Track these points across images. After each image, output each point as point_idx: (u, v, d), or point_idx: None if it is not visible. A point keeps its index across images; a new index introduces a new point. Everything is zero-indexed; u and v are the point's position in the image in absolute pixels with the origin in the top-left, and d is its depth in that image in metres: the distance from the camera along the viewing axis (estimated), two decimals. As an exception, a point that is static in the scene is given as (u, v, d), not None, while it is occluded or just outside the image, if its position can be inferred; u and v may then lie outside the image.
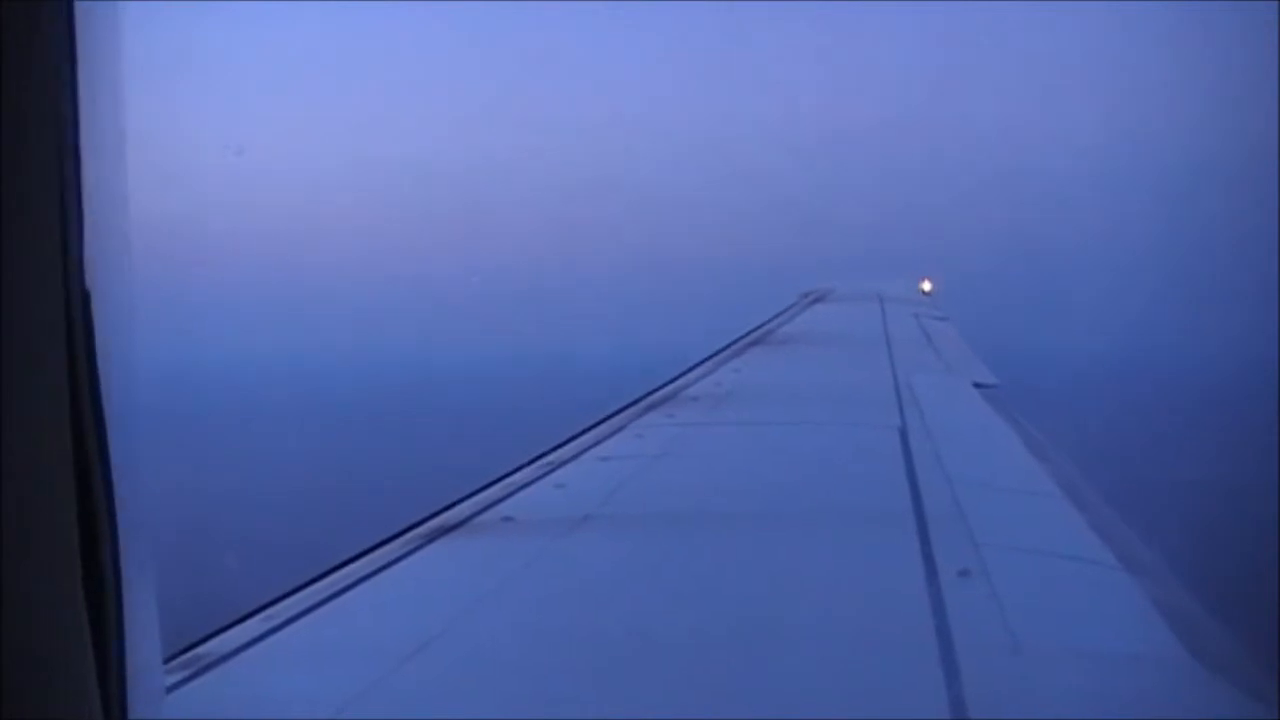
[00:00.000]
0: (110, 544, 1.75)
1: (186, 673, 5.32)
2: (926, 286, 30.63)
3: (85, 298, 1.73)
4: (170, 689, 5.09)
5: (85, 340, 1.72)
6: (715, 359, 18.07)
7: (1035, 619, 5.97)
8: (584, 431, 11.81)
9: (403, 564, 7.23)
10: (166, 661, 5.39)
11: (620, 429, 11.93)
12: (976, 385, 15.93)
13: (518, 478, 9.69)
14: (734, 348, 19.47)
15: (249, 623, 6.10)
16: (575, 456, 10.57)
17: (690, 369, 16.87)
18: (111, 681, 1.74)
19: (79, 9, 1.73)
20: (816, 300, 28.00)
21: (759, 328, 22.52)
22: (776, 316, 24.64)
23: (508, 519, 8.26)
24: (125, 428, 1.80)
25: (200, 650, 5.64)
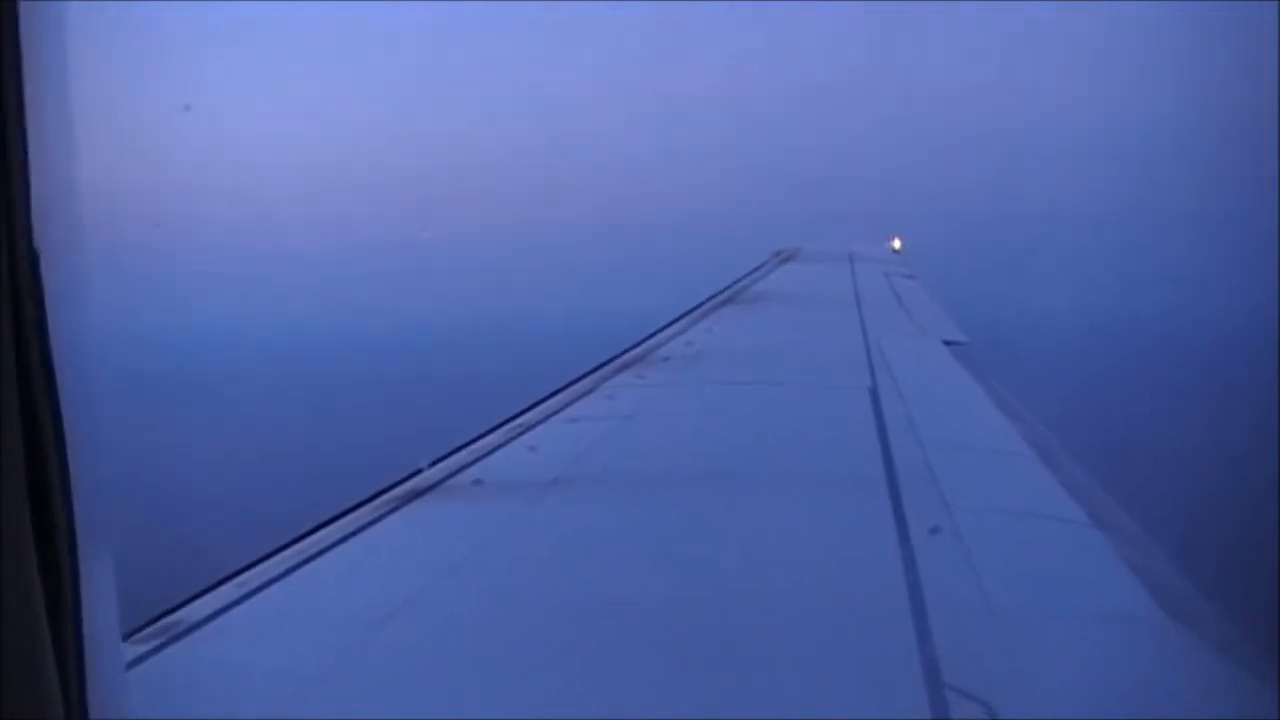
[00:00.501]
0: (65, 518, 1.69)
1: (158, 641, 5.31)
2: (897, 245, 30.64)
3: (34, 258, 1.66)
4: (141, 658, 5.08)
5: (34, 303, 1.65)
6: (686, 319, 18.04)
7: (1006, 578, 5.99)
8: (554, 393, 11.79)
9: (374, 529, 7.21)
10: (137, 631, 5.38)
11: (591, 390, 11.90)
12: (947, 343, 15.95)
13: (489, 440, 9.67)
14: (705, 307, 19.44)
15: (221, 590, 6.09)
16: (546, 419, 10.55)
17: (661, 329, 16.83)
18: (69, 659, 1.69)
19: None
20: (787, 259, 27.98)
21: (730, 287, 22.49)
22: (747, 275, 24.61)
23: (478, 482, 8.24)
24: (80, 394, 1.73)
25: (172, 618, 5.62)
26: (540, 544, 6.96)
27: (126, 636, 5.34)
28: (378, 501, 7.80)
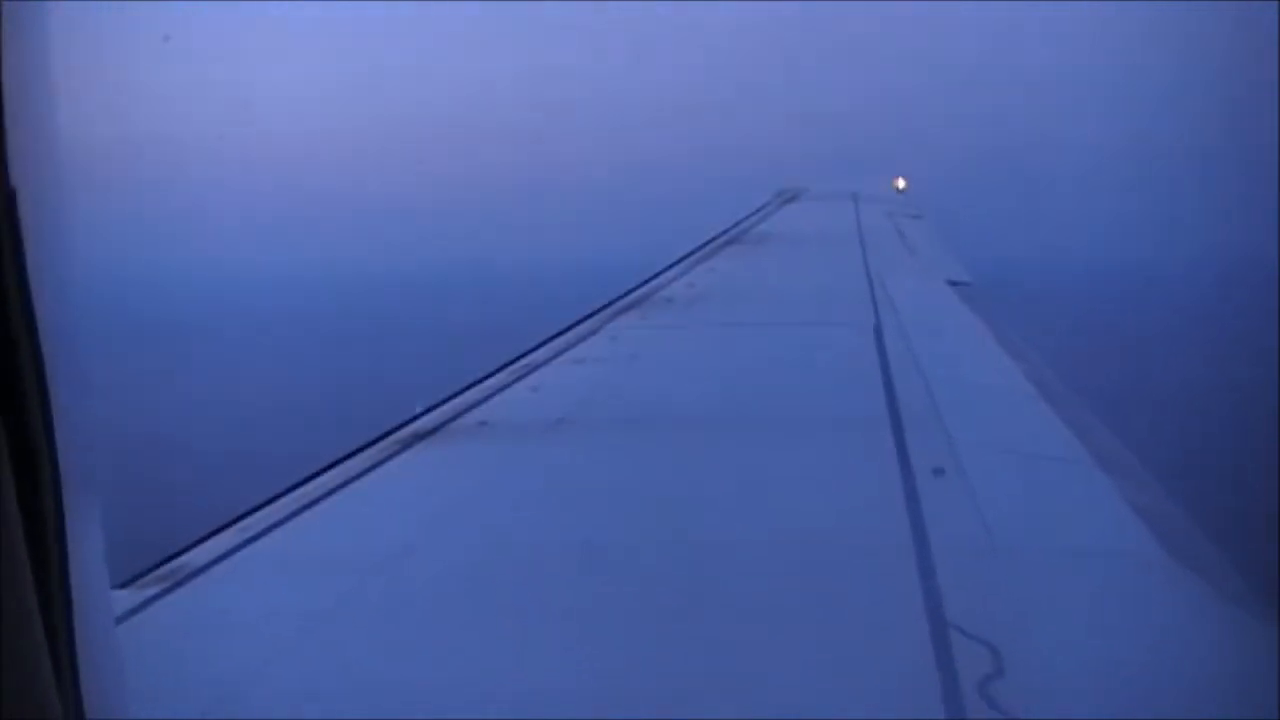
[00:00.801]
0: (51, 472, 1.65)
1: (166, 584, 5.33)
2: (900, 184, 30.49)
3: (10, 195, 1.61)
4: (148, 602, 5.10)
5: (12, 241, 1.59)
6: (689, 259, 17.99)
7: (1010, 518, 5.99)
8: (558, 335, 11.78)
9: (380, 470, 7.23)
10: (142, 575, 5.40)
11: (594, 332, 11.89)
12: (951, 283, 15.91)
13: (493, 382, 9.68)
14: (708, 248, 19.38)
15: (227, 533, 6.10)
16: (550, 360, 10.55)
17: (664, 270, 16.79)
18: (57, 615, 1.66)
19: None
20: (790, 199, 27.86)
21: (733, 227, 22.40)
22: (750, 216, 24.51)
23: (483, 423, 8.25)
24: (62, 336, 1.68)
25: (179, 561, 5.64)
26: (545, 484, 6.98)
27: (130, 581, 5.36)
28: (384, 443, 7.81)
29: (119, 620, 4.71)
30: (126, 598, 5.10)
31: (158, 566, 5.59)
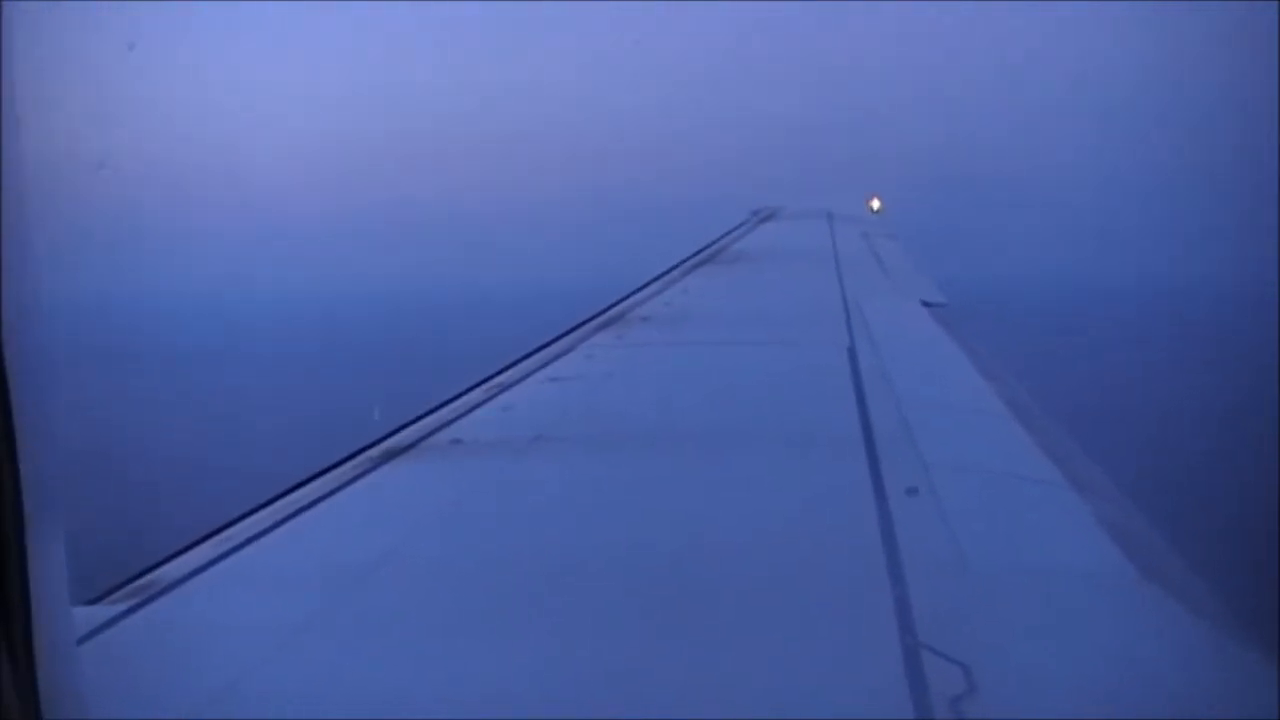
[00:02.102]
0: (12, 488, 1.64)
1: (136, 600, 5.30)
2: (875, 205, 30.60)
3: None
4: (119, 617, 5.08)
5: None
6: (665, 278, 18.03)
7: (983, 538, 6.00)
8: (533, 352, 11.79)
9: (352, 487, 7.21)
10: (113, 591, 5.38)
11: (570, 350, 11.91)
12: (925, 304, 15.96)
13: (467, 400, 9.67)
14: (683, 267, 19.44)
15: (198, 549, 6.08)
16: (524, 378, 10.55)
17: (640, 288, 16.83)
18: (15, 630, 1.65)
19: None
20: (766, 219, 27.94)
21: (708, 246, 22.47)
22: (726, 235, 24.58)
23: (457, 441, 8.25)
24: (25, 353, 1.67)
25: (150, 577, 5.61)
26: (518, 502, 6.97)
27: (100, 597, 5.34)
28: (356, 460, 7.80)
29: (89, 636, 4.69)
30: (96, 613, 5.07)
31: (128, 582, 5.57)
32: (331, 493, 7.09)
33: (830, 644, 4.74)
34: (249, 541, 6.19)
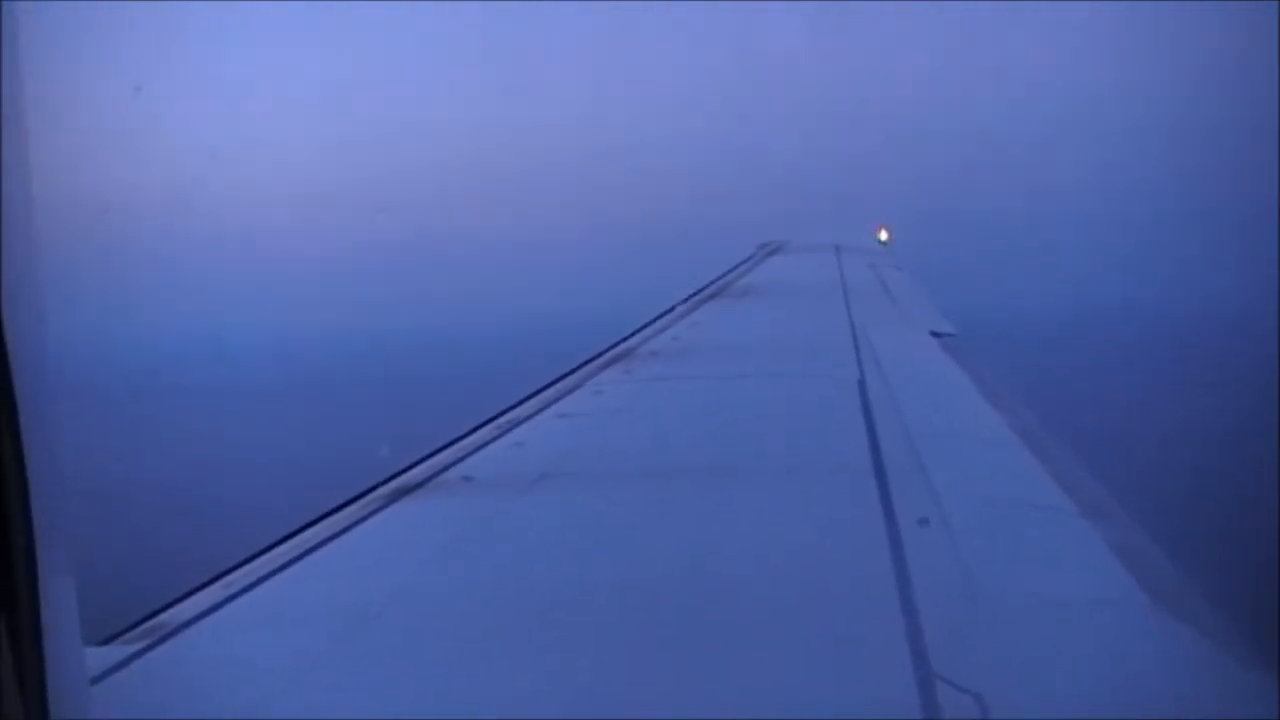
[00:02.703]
0: (24, 526, 1.64)
1: (148, 640, 5.31)
2: (883, 236, 30.62)
3: None
4: (128, 660, 5.08)
5: None
6: (673, 313, 18.04)
7: (995, 568, 5.99)
8: (543, 389, 11.80)
9: (363, 526, 7.21)
10: (124, 633, 5.38)
11: (579, 386, 11.91)
12: (934, 334, 15.96)
13: (476, 437, 9.68)
14: (691, 301, 19.45)
15: (210, 589, 6.08)
16: (534, 414, 10.56)
17: (648, 324, 16.84)
18: (30, 670, 1.65)
19: None
20: (773, 252, 27.98)
21: (716, 281, 22.50)
22: (734, 269, 24.61)
23: (467, 478, 8.25)
24: (38, 396, 1.67)
25: (159, 619, 5.61)
26: (529, 539, 6.97)
27: (111, 639, 5.34)
28: (367, 499, 7.80)
29: (100, 677, 4.70)
30: (109, 654, 5.08)
31: (140, 623, 5.57)
32: (343, 531, 7.09)
33: (843, 675, 4.73)
34: (261, 581, 6.19)
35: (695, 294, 20.40)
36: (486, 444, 9.39)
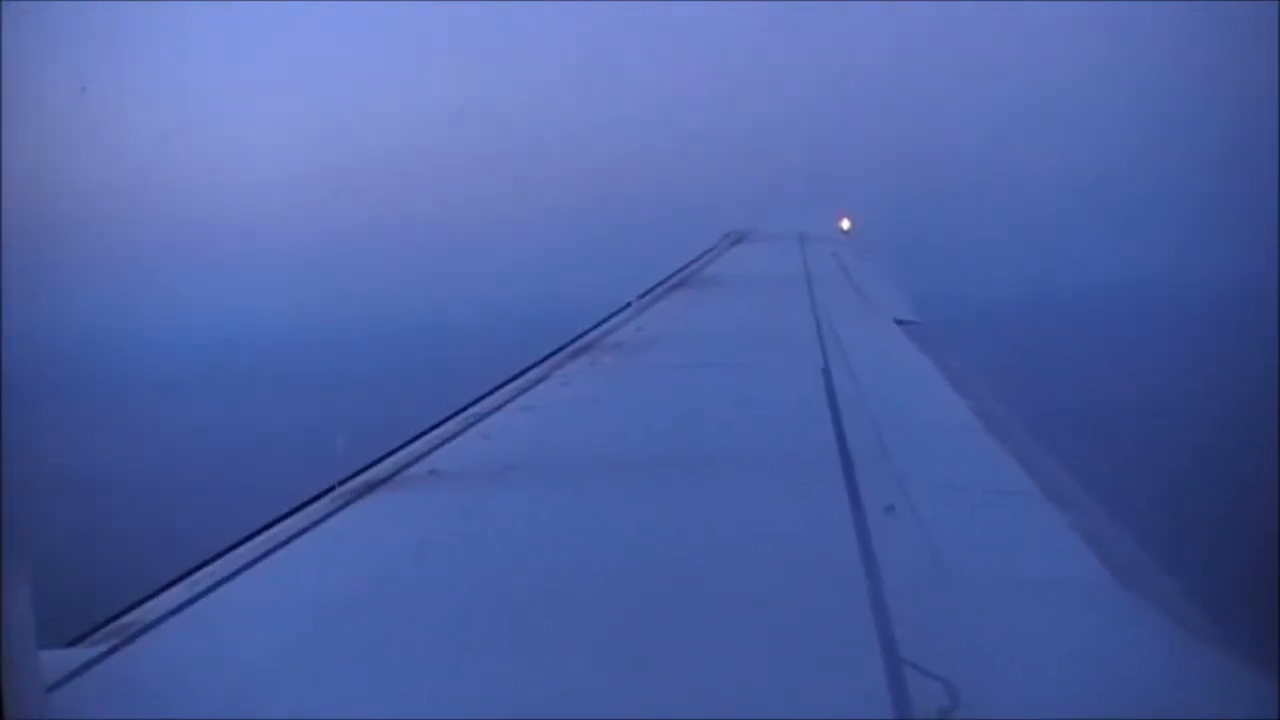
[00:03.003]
0: None
1: (114, 641, 5.28)
2: (846, 224, 30.69)
3: None
4: (95, 660, 5.05)
5: None
6: (638, 303, 18.05)
7: (962, 554, 6.01)
8: (508, 381, 11.79)
9: (331, 521, 7.20)
10: (90, 634, 5.36)
11: (545, 378, 11.91)
12: (898, 322, 16.01)
13: (443, 430, 9.67)
14: (656, 291, 19.45)
15: (175, 589, 6.06)
16: (500, 407, 10.55)
17: (613, 314, 16.84)
18: None
19: None
20: (738, 241, 28.01)
21: (681, 270, 22.51)
22: (698, 258, 24.63)
23: (434, 472, 8.24)
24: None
25: (127, 619, 5.59)
26: (495, 532, 6.96)
27: (74, 642, 5.31)
28: (334, 494, 7.78)
29: (65, 680, 4.68)
30: (72, 656, 5.06)
31: (106, 624, 5.55)
32: (311, 526, 7.07)
33: (813, 663, 4.74)
34: (229, 578, 6.17)
35: (660, 284, 20.40)
36: (453, 437, 9.39)
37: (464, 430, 9.62)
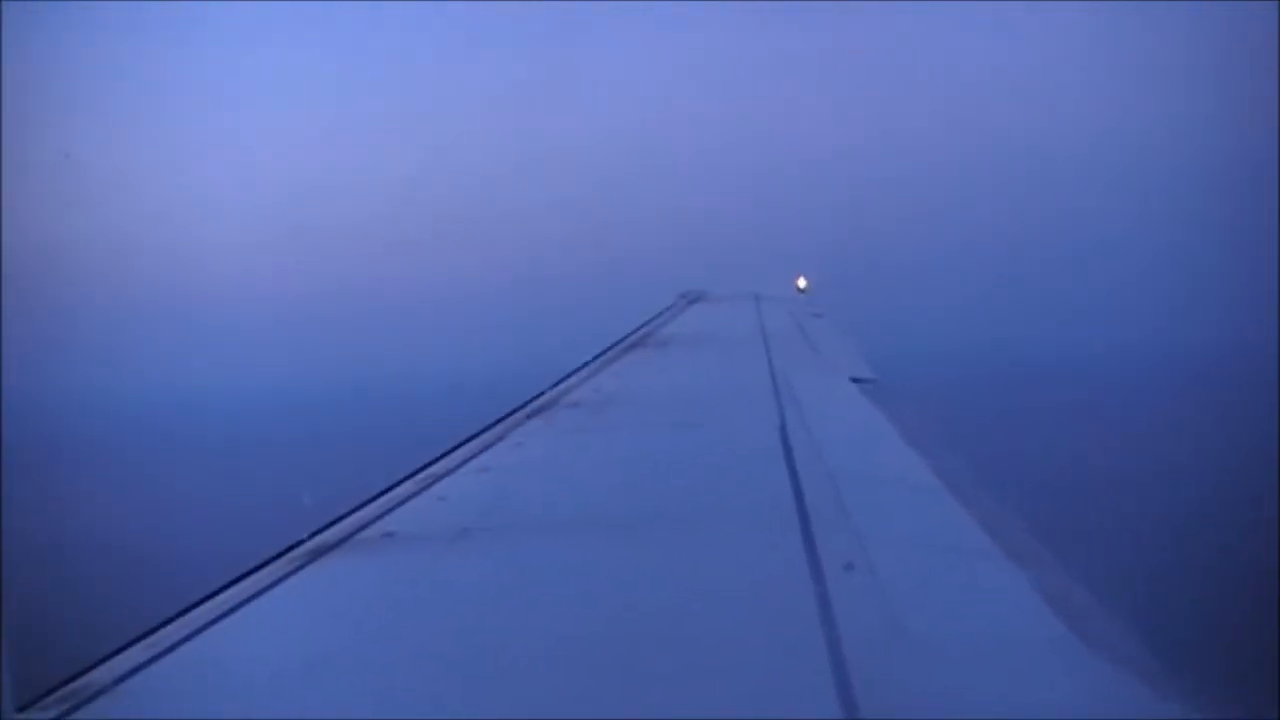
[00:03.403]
0: None
1: (66, 705, 5.21)
2: (802, 284, 30.84)
3: None
4: None
5: None
6: (594, 364, 18.05)
7: (921, 611, 6.00)
8: (465, 442, 11.74)
9: (283, 585, 7.12)
10: (38, 700, 5.28)
11: (501, 438, 11.87)
12: (855, 380, 16.05)
13: (399, 492, 9.61)
14: (612, 352, 19.47)
15: (129, 652, 5.98)
16: (456, 468, 10.50)
17: (569, 374, 16.84)
18: None
19: None
20: (694, 301, 28.11)
21: (637, 330, 22.56)
22: (655, 319, 24.69)
23: (389, 534, 8.18)
24: None
25: (79, 683, 5.51)
26: (451, 596, 6.91)
27: (25, 707, 5.23)
28: (287, 557, 7.71)
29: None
30: None
31: (58, 688, 5.47)
32: (263, 591, 7.00)
33: None
34: (185, 640, 6.10)
35: (617, 344, 20.43)
36: (409, 498, 9.32)
37: (420, 492, 9.56)
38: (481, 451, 11.24)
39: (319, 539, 8.12)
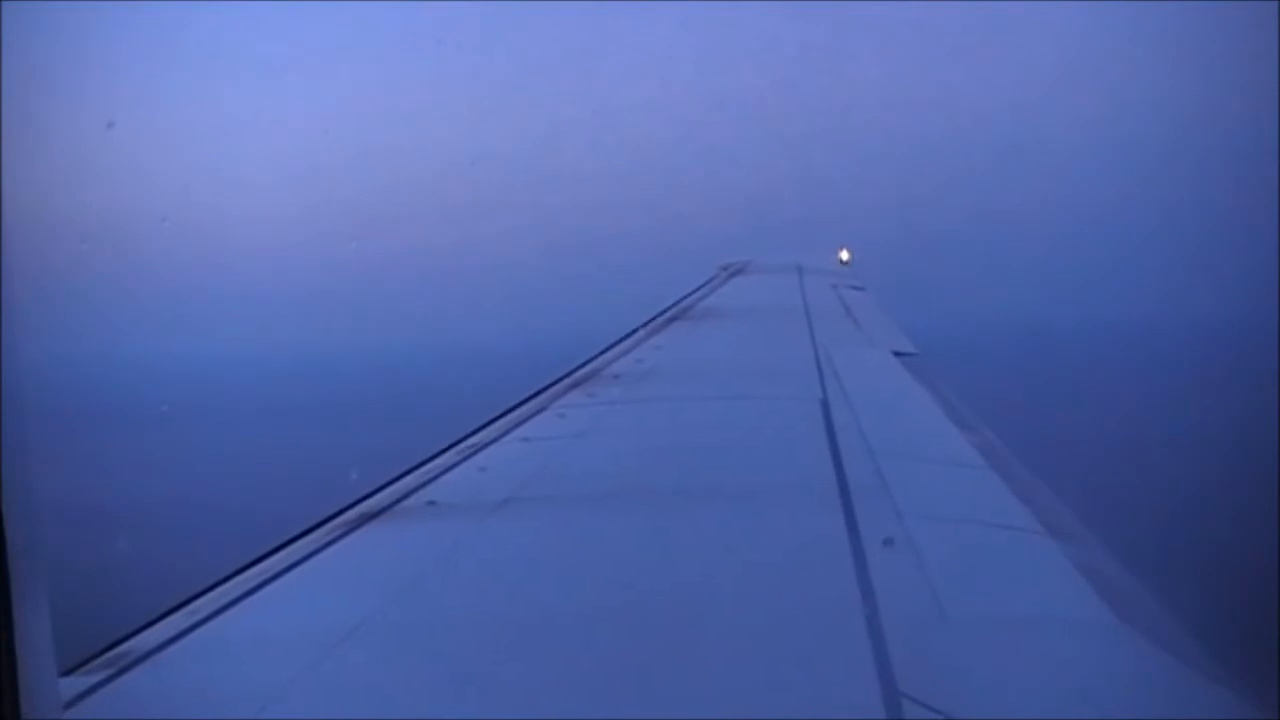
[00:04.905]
0: None
1: (108, 672, 5.27)
2: (844, 256, 30.70)
3: None
4: (91, 689, 5.04)
5: None
6: (636, 335, 18.04)
7: (960, 587, 6.00)
8: (506, 413, 11.78)
9: (327, 552, 7.18)
10: (86, 662, 5.34)
11: (542, 409, 11.89)
12: (896, 354, 16.01)
13: (441, 461, 9.66)
14: (654, 324, 19.45)
15: (173, 617, 6.04)
16: (498, 438, 10.54)
17: (611, 346, 16.84)
18: (4, 702, 1.64)
19: None
20: (736, 273, 28.03)
21: (678, 303, 22.51)
22: (696, 290, 24.63)
23: (431, 503, 8.23)
24: (12, 418, 1.67)
25: (122, 648, 5.57)
26: (493, 564, 6.95)
27: (73, 669, 5.30)
28: (332, 524, 7.77)
29: (68, 706, 4.66)
30: (72, 684, 5.04)
31: (106, 650, 5.53)
32: (308, 557, 7.06)
33: (810, 696, 4.73)
34: (228, 606, 6.16)
35: (658, 316, 20.40)
36: (451, 468, 9.37)
37: (462, 461, 9.61)
38: (523, 422, 11.27)
39: (363, 507, 8.17)
